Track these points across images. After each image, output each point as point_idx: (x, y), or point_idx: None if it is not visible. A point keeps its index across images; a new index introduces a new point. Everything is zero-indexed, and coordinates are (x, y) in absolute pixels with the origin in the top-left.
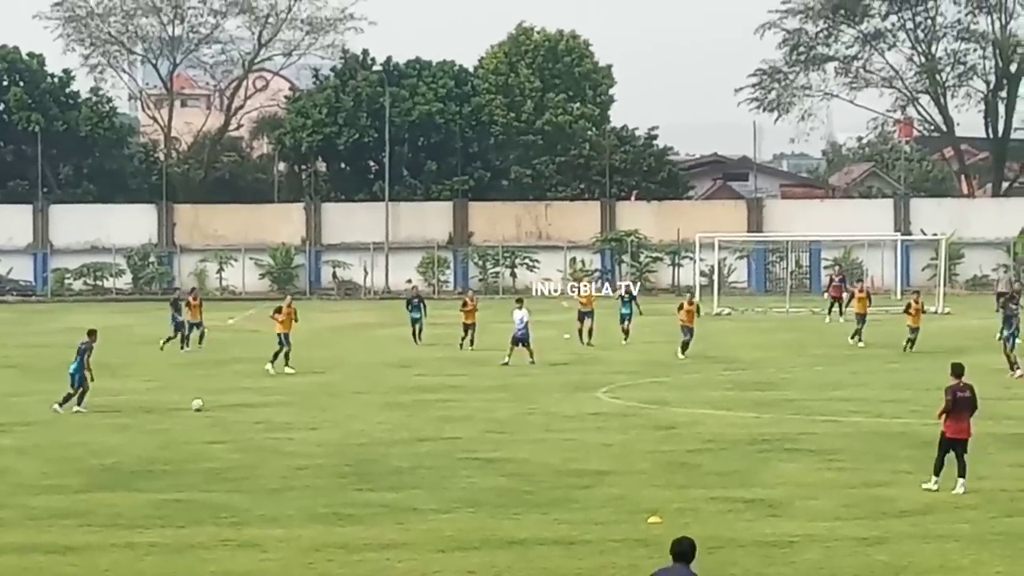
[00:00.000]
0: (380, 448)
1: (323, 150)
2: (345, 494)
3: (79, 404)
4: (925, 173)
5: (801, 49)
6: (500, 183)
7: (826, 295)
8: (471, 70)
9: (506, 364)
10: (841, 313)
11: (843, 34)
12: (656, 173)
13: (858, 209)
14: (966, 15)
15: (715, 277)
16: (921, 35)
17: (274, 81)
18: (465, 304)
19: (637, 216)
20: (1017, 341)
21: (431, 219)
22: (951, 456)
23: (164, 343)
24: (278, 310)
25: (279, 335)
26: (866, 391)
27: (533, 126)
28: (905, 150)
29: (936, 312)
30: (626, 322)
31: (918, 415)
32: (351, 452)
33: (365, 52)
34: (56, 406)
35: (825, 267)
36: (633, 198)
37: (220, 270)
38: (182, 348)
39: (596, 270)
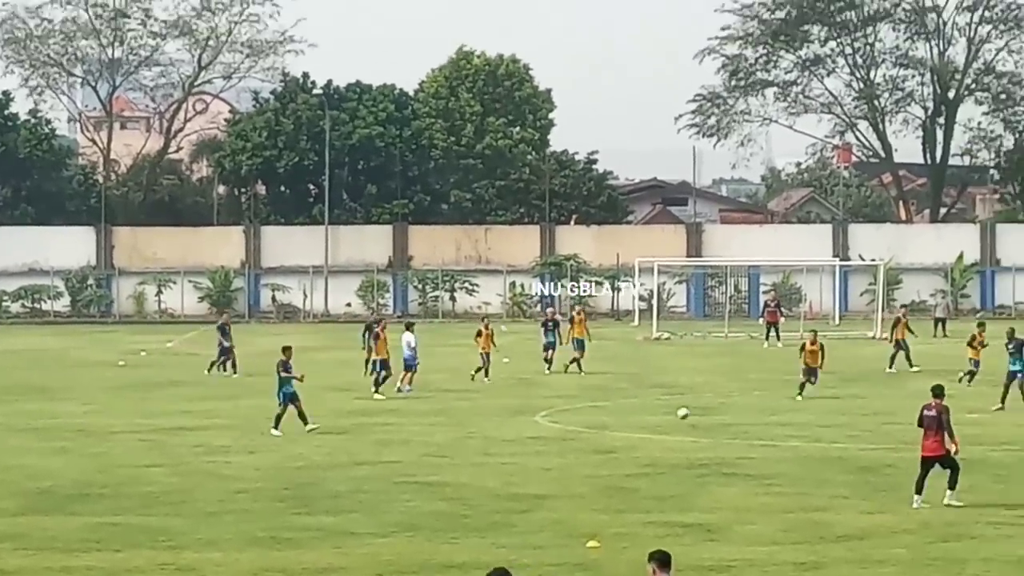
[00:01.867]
0: (318, 472)
1: (263, 173)
2: (283, 518)
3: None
4: (863, 199)
5: (740, 75)
6: (440, 207)
7: (762, 320)
8: (411, 94)
9: (399, 390)
10: (778, 337)
11: (782, 60)
12: (596, 197)
13: (797, 234)
14: (904, 41)
15: (654, 302)
16: (860, 61)
17: (214, 104)
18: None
19: (577, 240)
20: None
21: (371, 242)
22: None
23: (210, 367)
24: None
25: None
26: (804, 416)
27: (473, 150)
28: (844, 176)
29: (873, 337)
30: (550, 351)
31: (855, 440)
32: (289, 476)
33: (305, 75)
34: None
35: (763, 292)
36: (573, 222)
37: (159, 293)
38: (225, 371)
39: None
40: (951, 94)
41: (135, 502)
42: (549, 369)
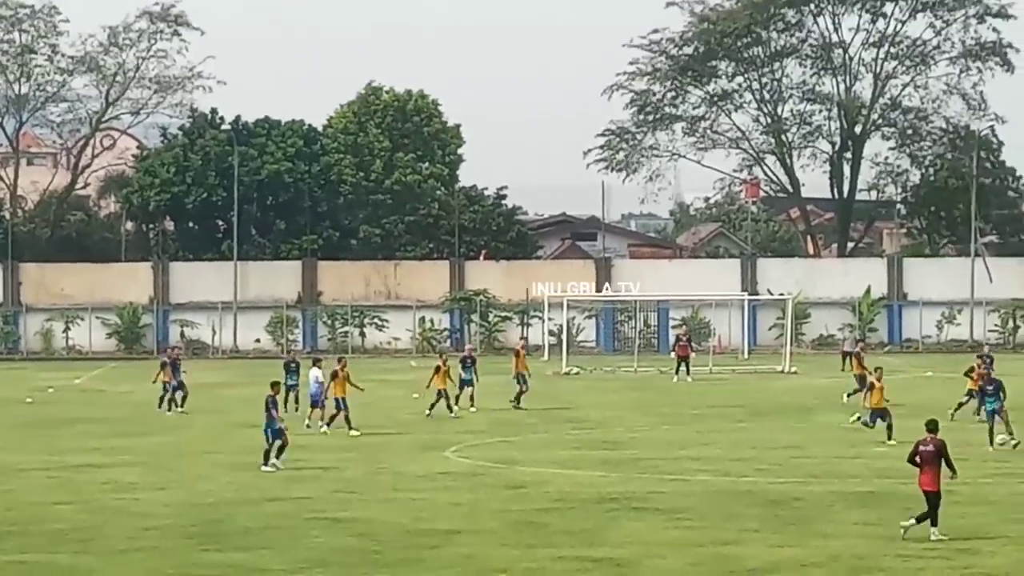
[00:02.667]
0: (228, 508)
1: (171, 209)
2: (193, 555)
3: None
4: (772, 233)
5: (649, 110)
6: (349, 242)
7: (673, 354)
8: (320, 129)
9: (309, 427)
10: (688, 372)
11: (690, 95)
12: (505, 233)
13: (706, 269)
14: (811, 76)
15: (564, 336)
16: (767, 96)
17: (122, 139)
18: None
19: (486, 275)
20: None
21: (280, 278)
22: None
23: (161, 403)
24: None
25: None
26: (713, 450)
27: (382, 185)
28: (752, 211)
29: (782, 371)
30: (469, 388)
31: (764, 473)
32: (199, 512)
33: (214, 111)
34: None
35: (673, 326)
36: (482, 257)
37: (67, 329)
38: (180, 407)
39: (445, 329)
40: (858, 129)
41: (43, 540)
42: (472, 407)
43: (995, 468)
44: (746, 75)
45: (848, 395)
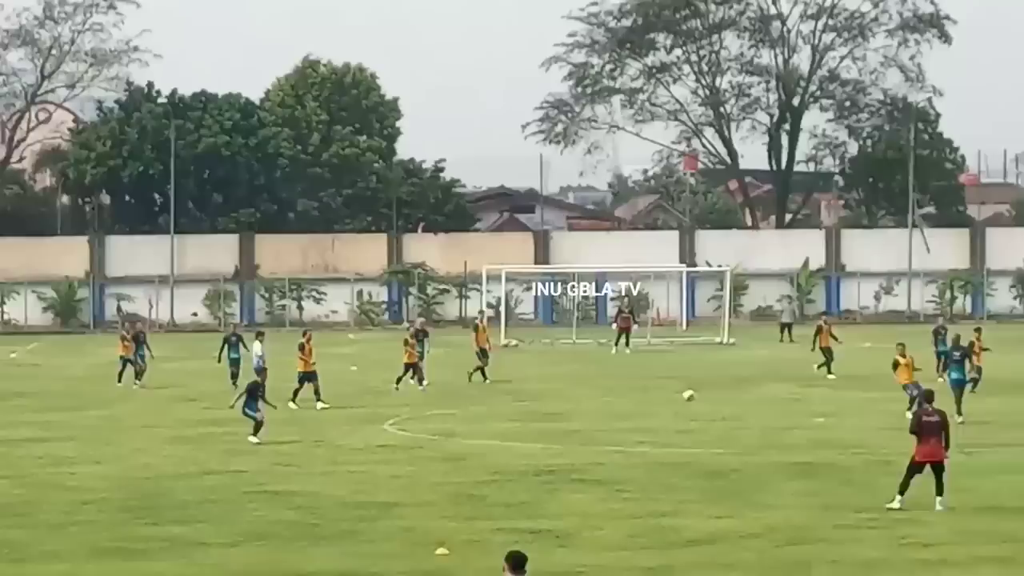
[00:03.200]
0: (166, 481)
1: (107, 183)
2: (130, 528)
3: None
4: (710, 205)
5: (587, 82)
6: (287, 216)
7: (614, 326)
8: (257, 103)
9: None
10: (627, 344)
11: (628, 67)
12: (443, 206)
13: (644, 241)
14: (749, 49)
15: (502, 309)
16: (705, 68)
17: (57, 113)
18: (406, 342)
19: (424, 248)
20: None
21: (217, 252)
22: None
23: (137, 377)
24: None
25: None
26: (653, 421)
27: (320, 159)
28: (690, 183)
29: (721, 343)
30: (421, 362)
31: (704, 445)
32: (136, 486)
33: (150, 84)
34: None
35: (612, 299)
36: (420, 230)
37: (2, 304)
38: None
39: (383, 302)
40: (796, 101)
41: None
42: (422, 384)
43: None
44: (684, 47)
45: (828, 372)
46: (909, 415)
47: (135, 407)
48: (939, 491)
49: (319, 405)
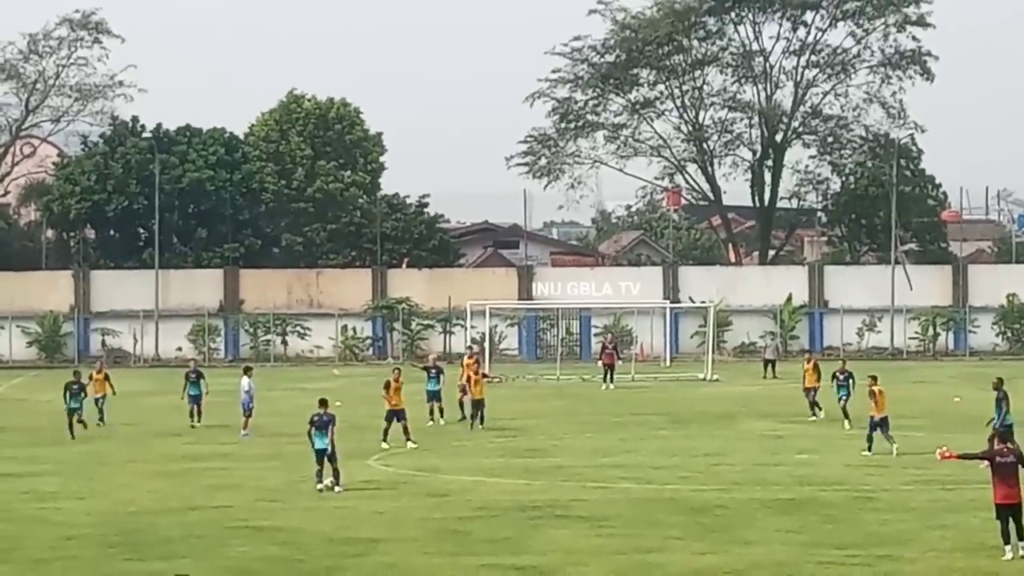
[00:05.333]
0: (149, 517)
1: (92, 217)
2: (114, 564)
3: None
4: (693, 241)
5: (571, 117)
6: (271, 250)
7: (600, 362)
8: (241, 137)
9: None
10: (611, 380)
11: (612, 103)
12: (427, 241)
13: (628, 277)
14: (732, 84)
15: (486, 344)
16: (688, 104)
17: (42, 147)
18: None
19: (409, 283)
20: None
21: (201, 286)
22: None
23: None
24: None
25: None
26: (636, 457)
27: (304, 193)
28: (673, 218)
29: (704, 379)
30: (434, 402)
31: (687, 481)
32: (120, 521)
33: (135, 119)
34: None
35: (595, 334)
36: (404, 265)
37: None
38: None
39: (368, 338)
40: (779, 137)
41: None
42: (442, 420)
43: (915, 475)
44: (667, 83)
45: (813, 414)
46: (866, 452)
47: (118, 443)
48: (1019, 535)
49: (409, 445)
